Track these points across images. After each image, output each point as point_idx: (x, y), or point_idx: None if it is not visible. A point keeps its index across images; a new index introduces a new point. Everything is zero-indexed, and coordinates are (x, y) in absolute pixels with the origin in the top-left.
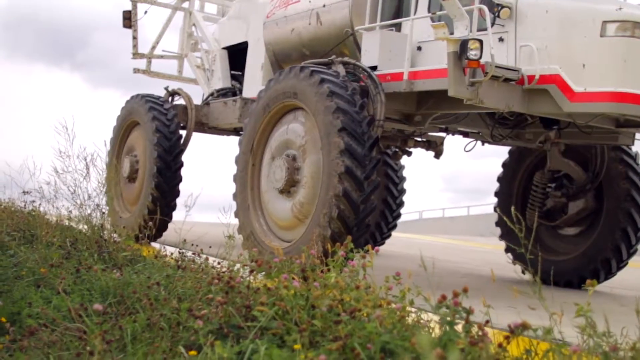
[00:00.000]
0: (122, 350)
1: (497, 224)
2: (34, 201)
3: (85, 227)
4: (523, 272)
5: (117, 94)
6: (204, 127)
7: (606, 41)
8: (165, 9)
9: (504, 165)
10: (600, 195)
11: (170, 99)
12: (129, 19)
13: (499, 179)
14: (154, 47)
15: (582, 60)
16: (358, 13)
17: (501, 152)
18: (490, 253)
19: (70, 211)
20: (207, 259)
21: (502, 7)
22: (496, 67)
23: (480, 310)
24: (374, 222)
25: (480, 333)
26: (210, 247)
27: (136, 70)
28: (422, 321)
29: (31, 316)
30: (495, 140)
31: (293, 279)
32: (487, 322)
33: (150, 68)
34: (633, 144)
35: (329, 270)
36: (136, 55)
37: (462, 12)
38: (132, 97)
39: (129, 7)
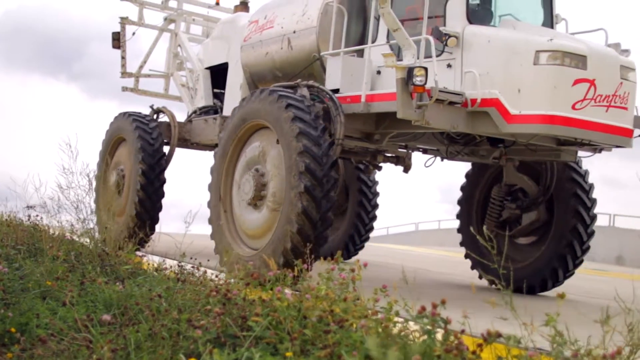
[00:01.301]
0: (126, 359)
1: (459, 230)
2: (37, 215)
3: (88, 240)
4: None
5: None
6: (187, 143)
7: (539, 69)
8: (153, 30)
9: (467, 176)
10: (552, 208)
11: (155, 116)
12: (117, 40)
13: (462, 189)
14: (141, 67)
15: (518, 85)
16: (324, 39)
17: None
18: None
19: (73, 225)
20: (205, 272)
21: (450, 36)
22: (440, 91)
23: (457, 321)
24: (348, 235)
25: (456, 341)
26: (208, 260)
27: (124, 89)
28: (407, 330)
29: (39, 326)
30: (451, 156)
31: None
32: (463, 331)
33: (137, 86)
34: (575, 160)
35: (295, 278)
36: (124, 74)
37: (409, 42)
38: (120, 114)
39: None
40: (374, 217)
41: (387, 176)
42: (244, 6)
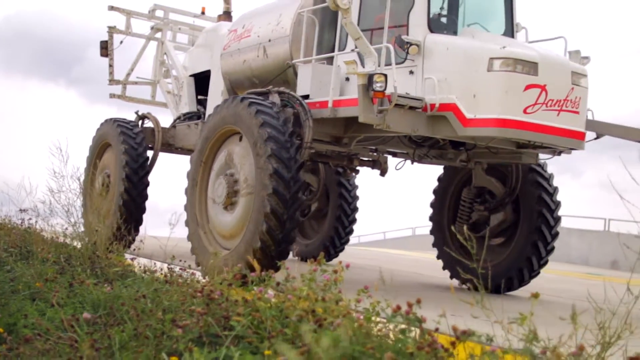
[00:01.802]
0: (111, 357)
1: (432, 232)
2: (30, 219)
3: (79, 244)
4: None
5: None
6: (171, 147)
7: (492, 75)
8: (140, 39)
9: (439, 179)
10: (518, 209)
11: (140, 122)
12: (105, 49)
13: (434, 192)
14: (128, 74)
15: (474, 91)
16: (297, 47)
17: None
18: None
19: (66, 228)
20: (193, 274)
21: (411, 44)
22: (400, 96)
23: (433, 320)
24: (329, 237)
25: (430, 339)
26: (198, 264)
27: (112, 95)
28: (385, 330)
29: (27, 326)
30: (420, 160)
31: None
32: (437, 329)
33: (125, 93)
34: (536, 162)
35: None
36: (112, 81)
37: (370, 50)
38: (106, 120)
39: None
40: (354, 220)
41: (384, 181)
42: (227, 15)
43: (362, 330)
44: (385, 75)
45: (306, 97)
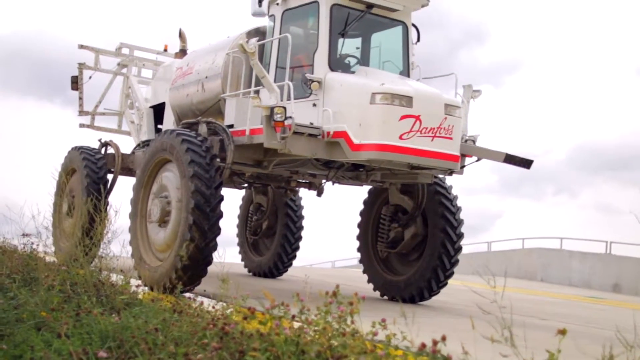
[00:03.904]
0: None
1: (358, 250)
2: (32, 243)
3: (83, 270)
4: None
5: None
6: (131, 172)
7: (373, 107)
8: (107, 74)
9: (364, 202)
10: (427, 224)
11: (103, 149)
12: (76, 83)
13: (360, 213)
14: (97, 106)
15: (359, 120)
16: (226, 83)
17: (492, 189)
18: (479, 293)
19: (38, 245)
20: (202, 303)
21: (313, 81)
22: (298, 125)
23: (457, 357)
24: (276, 254)
25: None
26: (205, 290)
27: (82, 125)
28: None
29: (34, 359)
30: (337, 180)
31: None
32: None
33: (94, 123)
34: (431, 182)
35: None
36: (82, 112)
37: (273, 87)
38: (72, 148)
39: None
40: (300, 238)
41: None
42: (182, 53)
43: None
44: (285, 108)
45: (231, 126)
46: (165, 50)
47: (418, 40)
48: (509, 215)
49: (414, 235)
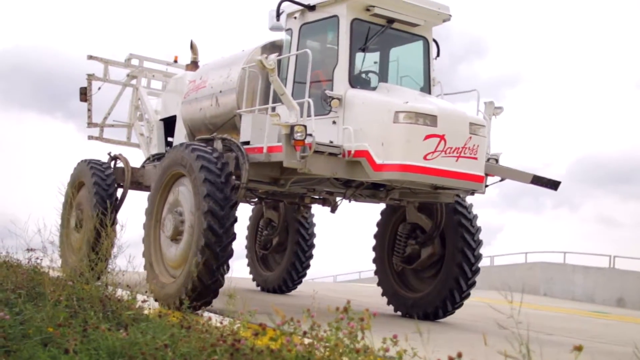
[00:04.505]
0: None
1: (374, 261)
2: (37, 258)
3: (89, 285)
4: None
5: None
6: (141, 186)
7: (396, 126)
8: (117, 85)
9: (382, 213)
10: (445, 244)
11: (112, 162)
12: (84, 94)
13: (374, 236)
14: (105, 118)
15: (382, 139)
16: (242, 98)
17: (492, 202)
18: (485, 307)
19: (42, 259)
20: (210, 318)
21: (333, 98)
22: (319, 144)
23: None
24: (286, 271)
25: None
26: (212, 305)
27: (90, 137)
28: None
29: None
30: (354, 198)
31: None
32: None
33: (102, 135)
34: (453, 201)
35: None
36: (90, 124)
37: (293, 104)
38: (81, 161)
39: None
40: (311, 256)
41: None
42: (194, 65)
43: None
44: (305, 126)
45: (247, 143)
46: (176, 61)
47: (437, 55)
48: (510, 228)
49: (430, 254)
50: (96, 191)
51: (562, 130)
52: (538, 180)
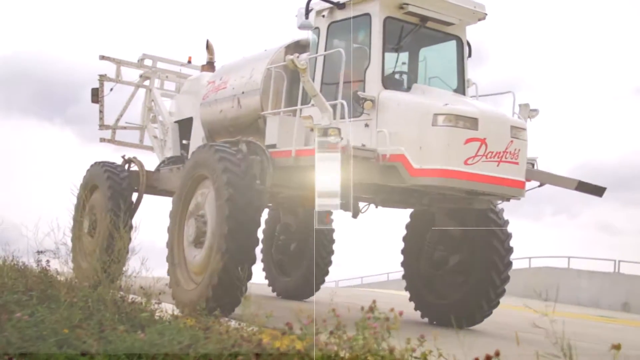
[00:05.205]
0: None
1: (402, 264)
2: (47, 260)
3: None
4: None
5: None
6: (156, 189)
7: (436, 129)
8: (129, 86)
9: (411, 216)
10: (475, 251)
11: (126, 166)
12: (96, 96)
13: (403, 239)
14: (118, 119)
15: (420, 143)
16: (266, 100)
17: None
18: (502, 315)
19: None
20: (228, 321)
21: (366, 100)
22: (354, 148)
23: None
24: (303, 276)
25: None
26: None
27: (102, 140)
28: None
29: None
30: (383, 204)
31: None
32: None
33: (114, 137)
34: (487, 207)
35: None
36: (102, 126)
37: (326, 106)
38: (94, 163)
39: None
40: (329, 263)
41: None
42: (210, 66)
43: None
44: (339, 129)
45: (273, 146)
46: (189, 62)
47: (469, 55)
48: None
49: (458, 262)
50: (111, 195)
51: (562, 137)
52: (583, 187)
